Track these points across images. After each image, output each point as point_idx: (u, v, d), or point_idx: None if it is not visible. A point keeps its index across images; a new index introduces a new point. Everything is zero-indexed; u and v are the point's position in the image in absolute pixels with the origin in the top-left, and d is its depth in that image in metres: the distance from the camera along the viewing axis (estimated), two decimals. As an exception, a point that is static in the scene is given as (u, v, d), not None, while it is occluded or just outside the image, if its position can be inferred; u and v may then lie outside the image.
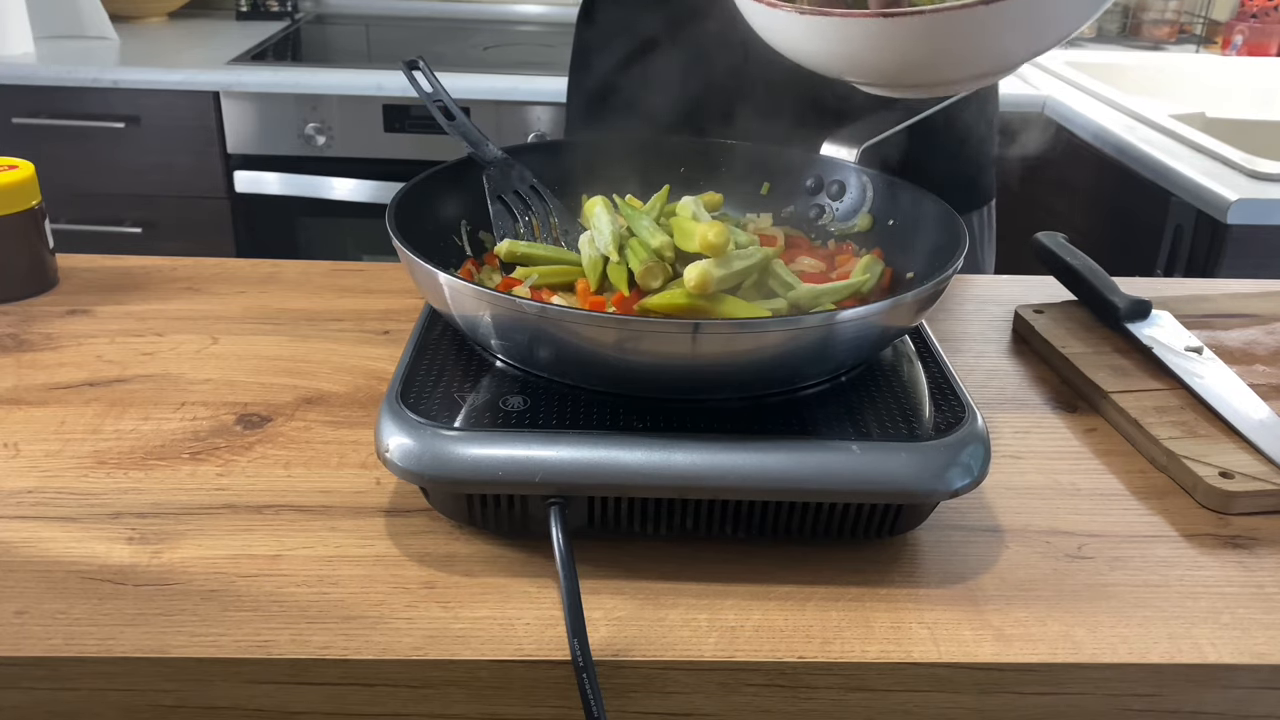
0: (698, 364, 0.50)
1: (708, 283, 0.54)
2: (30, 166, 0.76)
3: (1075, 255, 0.79)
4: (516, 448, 0.49)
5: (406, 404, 0.51)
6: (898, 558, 0.53)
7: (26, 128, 1.82)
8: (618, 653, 0.47)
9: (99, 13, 1.98)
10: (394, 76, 1.79)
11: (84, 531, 0.52)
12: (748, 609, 0.49)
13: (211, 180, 1.87)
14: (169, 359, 0.69)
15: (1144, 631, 0.49)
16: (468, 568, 0.51)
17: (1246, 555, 0.54)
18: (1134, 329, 0.72)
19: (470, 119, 0.70)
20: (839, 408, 0.53)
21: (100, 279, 0.80)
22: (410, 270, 0.55)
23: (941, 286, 0.54)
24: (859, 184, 0.69)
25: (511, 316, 0.51)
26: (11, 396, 0.64)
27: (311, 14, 2.33)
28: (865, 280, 0.61)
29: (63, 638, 0.46)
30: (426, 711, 0.47)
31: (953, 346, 0.74)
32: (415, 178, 0.64)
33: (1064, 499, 0.58)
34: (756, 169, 0.72)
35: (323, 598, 0.49)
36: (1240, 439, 0.61)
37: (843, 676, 0.47)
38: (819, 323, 0.50)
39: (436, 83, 0.70)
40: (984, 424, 0.52)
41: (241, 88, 1.81)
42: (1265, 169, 1.41)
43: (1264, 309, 0.78)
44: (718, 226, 0.56)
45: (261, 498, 0.56)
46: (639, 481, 0.49)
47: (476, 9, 2.37)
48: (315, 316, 0.75)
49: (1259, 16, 2.20)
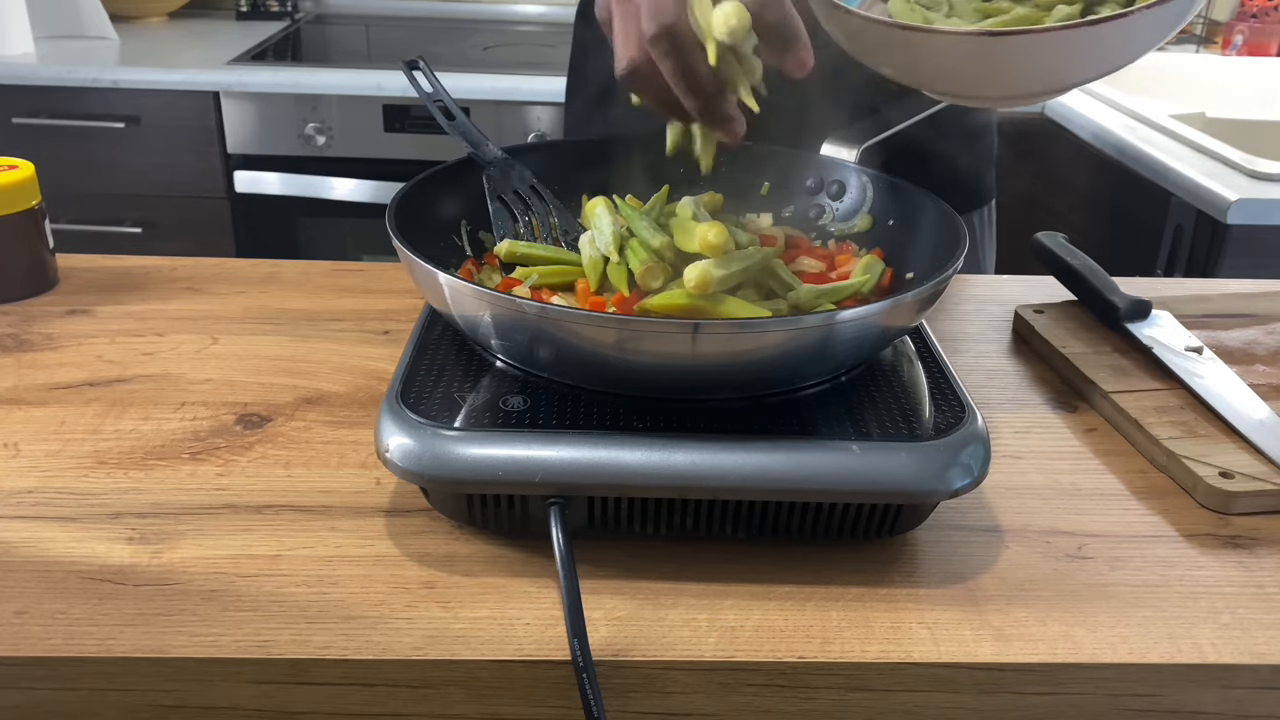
0: (698, 364, 0.50)
1: (708, 282, 0.54)
2: (30, 166, 0.76)
3: (1075, 255, 0.79)
4: (516, 448, 0.49)
5: (406, 404, 0.51)
6: (898, 558, 0.53)
7: (26, 128, 1.82)
8: (618, 653, 0.47)
9: (99, 13, 1.98)
10: (394, 76, 1.80)
11: (84, 531, 0.52)
12: (748, 609, 0.49)
13: (211, 180, 1.88)
14: (169, 359, 0.69)
15: (1144, 631, 0.49)
16: (468, 568, 0.51)
17: (1246, 555, 0.54)
18: (1134, 329, 0.72)
19: (470, 119, 0.70)
20: (839, 408, 0.53)
21: (100, 279, 0.80)
22: (410, 270, 0.55)
23: (941, 286, 0.54)
24: (859, 184, 0.69)
25: (511, 316, 0.51)
26: (11, 396, 0.64)
27: (311, 14, 2.33)
28: (866, 280, 0.61)
29: (63, 638, 0.46)
30: (426, 711, 0.47)
31: (953, 346, 0.74)
32: (415, 178, 0.64)
33: (1064, 499, 0.58)
34: (757, 169, 0.72)
35: (323, 598, 0.49)
36: (1240, 439, 0.61)
37: (843, 676, 0.47)
38: (819, 323, 0.50)
39: (436, 83, 0.70)
40: (984, 424, 0.52)
41: (241, 88, 1.81)
42: (1265, 169, 1.41)
43: (1264, 309, 0.78)
44: (718, 227, 0.56)
45: (261, 498, 0.56)
46: (639, 481, 0.49)
47: (476, 9, 2.37)
48: (315, 316, 0.75)
49: (1259, 16, 2.20)
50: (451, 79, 1.77)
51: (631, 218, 0.62)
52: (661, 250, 0.59)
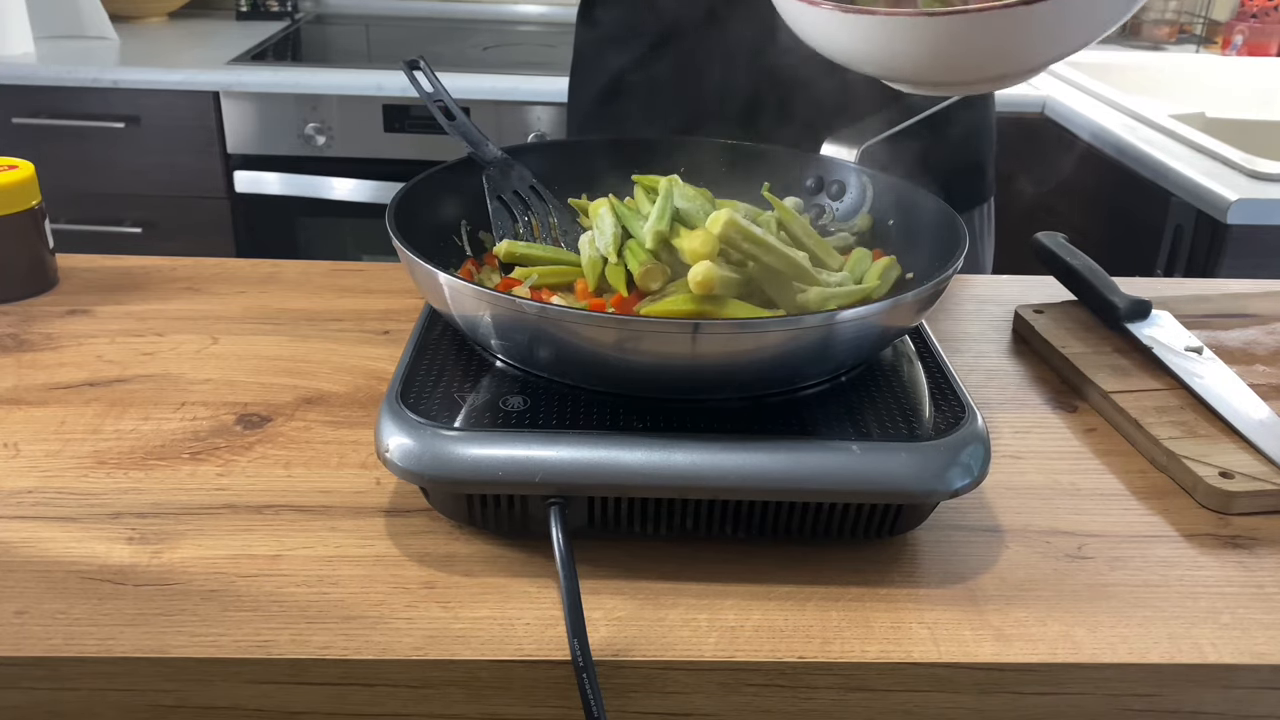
0: (698, 364, 0.50)
1: (712, 282, 0.54)
2: (30, 166, 0.76)
3: (1075, 255, 0.79)
4: (516, 448, 0.49)
5: (406, 404, 0.51)
6: (898, 558, 0.53)
7: (26, 128, 1.82)
8: (618, 653, 0.47)
9: (99, 13, 1.98)
10: (394, 76, 1.80)
11: (84, 531, 0.52)
12: (748, 609, 0.49)
13: (211, 180, 1.87)
14: (169, 359, 0.69)
15: (1144, 631, 0.49)
16: (468, 568, 0.51)
17: (1246, 555, 0.54)
18: (1134, 329, 0.72)
19: (470, 119, 0.70)
20: (839, 408, 0.53)
21: (100, 279, 0.80)
22: (410, 270, 0.55)
23: (941, 286, 0.54)
24: (859, 184, 0.69)
25: (511, 316, 0.51)
26: (11, 396, 0.64)
27: (311, 14, 2.33)
28: (877, 287, 0.60)
29: (63, 638, 0.46)
30: (426, 711, 0.47)
31: (953, 346, 0.74)
32: (415, 178, 0.64)
33: (1064, 499, 0.58)
34: (757, 169, 0.72)
35: (323, 598, 0.49)
36: (1240, 439, 0.61)
37: (843, 676, 0.47)
38: (819, 323, 0.50)
39: (437, 82, 0.70)
40: (984, 424, 0.52)
41: (241, 88, 1.81)
42: (1265, 169, 1.41)
43: (1264, 309, 0.78)
44: (703, 235, 0.55)
45: (261, 498, 0.56)
46: (639, 481, 0.49)
47: (476, 9, 2.37)
48: (315, 316, 0.75)
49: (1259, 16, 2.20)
50: (451, 79, 1.77)
51: (629, 219, 0.62)
52: (656, 246, 0.58)
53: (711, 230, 0.56)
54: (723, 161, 0.72)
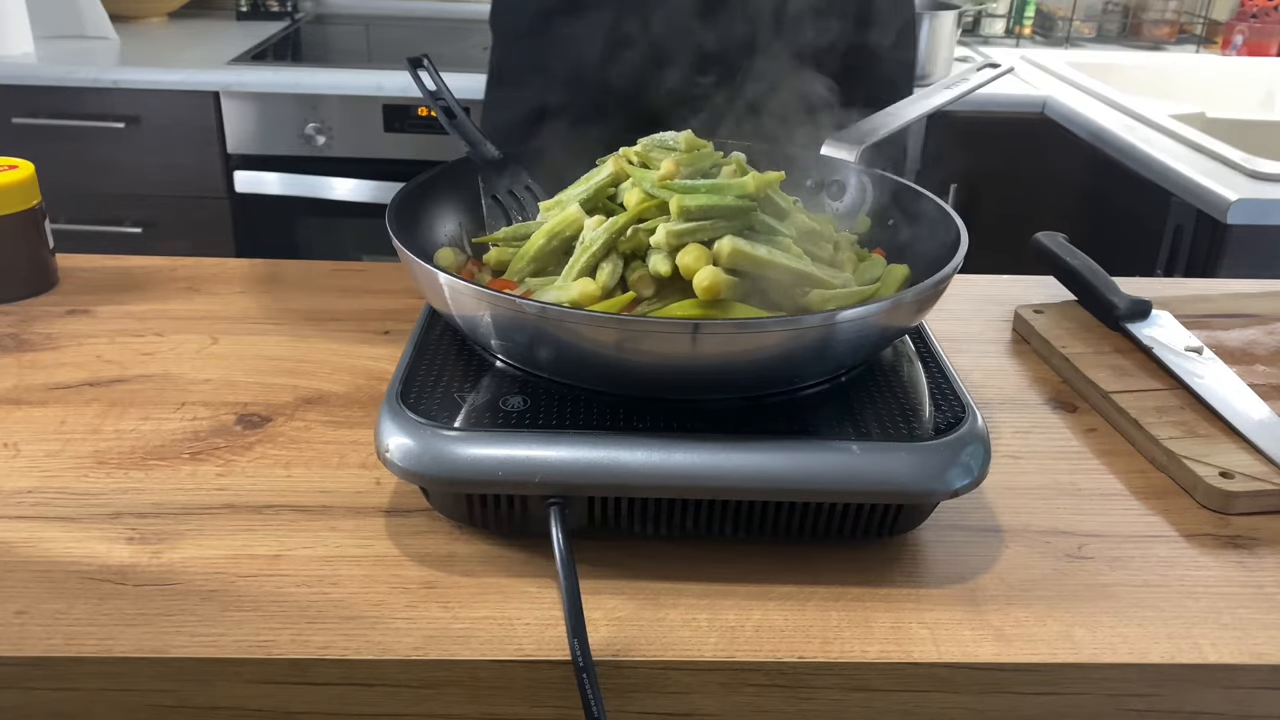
0: (698, 364, 0.50)
1: (719, 288, 0.54)
2: (30, 166, 0.76)
3: (1075, 255, 0.79)
4: (516, 448, 0.49)
5: (406, 404, 0.51)
6: (898, 558, 0.53)
7: (26, 128, 1.82)
8: (618, 653, 0.47)
9: (99, 13, 1.98)
10: (394, 76, 1.80)
11: (84, 531, 0.52)
12: (748, 609, 0.49)
13: (211, 180, 1.87)
14: (169, 359, 0.69)
15: (1144, 631, 0.49)
16: (468, 568, 0.51)
17: (1246, 555, 0.54)
18: (1134, 329, 0.72)
19: (470, 118, 0.70)
20: (839, 408, 0.53)
21: (100, 279, 0.80)
22: (410, 270, 0.55)
23: (941, 286, 0.54)
24: (859, 184, 0.69)
25: (511, 317, 0.51)
26: (11, 396, 0.64)
27: (311, 14, 2.33)
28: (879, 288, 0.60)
29: (63, 638, 0.46)
30: (426, 711, 0.47)
31: (953, 346, 0.74)
32: (415, 178, 0.64)
33: (1064, 499, 0.58)
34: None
35: (323, 598, 0.49)
36: (1240, 439, 0.61)
37: (843, 676, 0.47)
38: (819, 323, 0.50)
39: (440, 81, 0.70)
40: (984, 424, 0.52)
41: (241, 88, 1.81)
42: (1265, 169, 1.41)
43: (1264, 309, 0.78)
44: (711, 273, 0.53)
45: (261, 498, 0.56)
46: (639, 481, 0.49)
47: (476, 9, 2.37)
48: (315, 316, 0.75)
49: (1259, 16, 2.20)
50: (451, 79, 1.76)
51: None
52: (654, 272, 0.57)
53: (719, 256, 0.55)
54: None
